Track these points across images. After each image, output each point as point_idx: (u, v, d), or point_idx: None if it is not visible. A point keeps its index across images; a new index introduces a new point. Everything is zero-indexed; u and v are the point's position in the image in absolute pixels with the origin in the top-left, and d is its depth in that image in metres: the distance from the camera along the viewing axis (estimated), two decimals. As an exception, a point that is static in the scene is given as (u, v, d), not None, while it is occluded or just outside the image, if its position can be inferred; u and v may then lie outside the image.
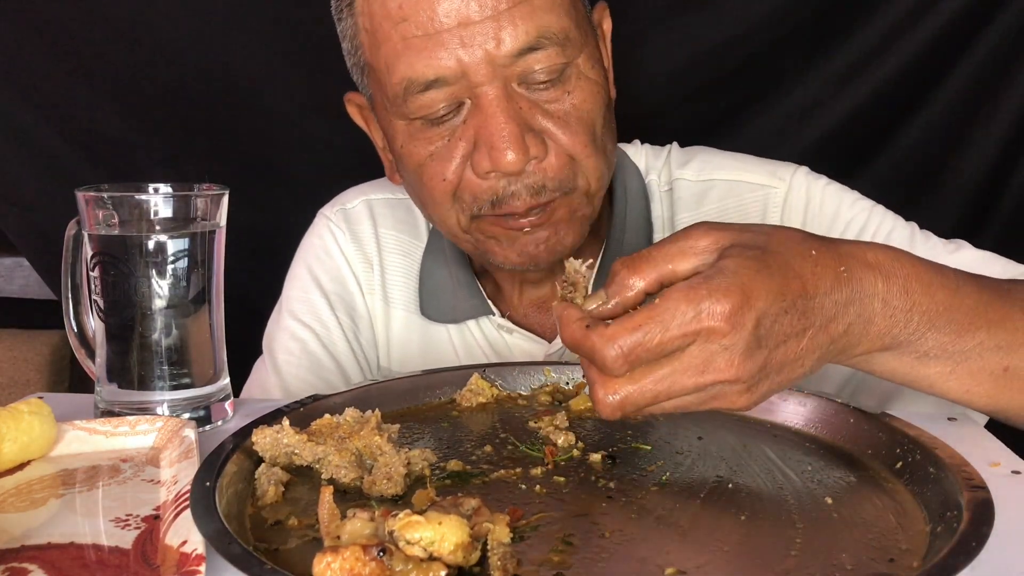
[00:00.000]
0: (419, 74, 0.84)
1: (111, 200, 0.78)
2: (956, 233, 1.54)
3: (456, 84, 0.85)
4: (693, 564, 0.52)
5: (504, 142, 0.84)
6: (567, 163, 0.89)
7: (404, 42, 0.84)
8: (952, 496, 0.56)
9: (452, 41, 0.83)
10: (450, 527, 0.49)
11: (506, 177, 0.87)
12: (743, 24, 1.50)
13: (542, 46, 0.85)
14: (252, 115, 1.60)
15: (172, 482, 0.64)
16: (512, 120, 0.84)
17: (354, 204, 1.15)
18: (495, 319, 1.05)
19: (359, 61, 0.93)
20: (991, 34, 1.47)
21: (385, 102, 0.90)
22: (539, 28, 0.84)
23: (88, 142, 1.61)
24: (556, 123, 0.88)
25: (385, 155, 1.02)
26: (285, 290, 1.15)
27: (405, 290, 1.11)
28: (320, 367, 1.08)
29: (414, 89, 0.86)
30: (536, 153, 0.86)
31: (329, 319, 1.10)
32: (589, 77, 0.90)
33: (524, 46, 0.84)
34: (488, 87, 0.84)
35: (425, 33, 0.83)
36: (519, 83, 0.86)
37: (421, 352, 1.09)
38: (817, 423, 0.73)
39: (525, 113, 0.86)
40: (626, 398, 0.60)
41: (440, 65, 0.84)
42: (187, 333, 0.80)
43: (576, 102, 0.88)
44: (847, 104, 1.53)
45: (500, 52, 0.83)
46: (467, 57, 0.83)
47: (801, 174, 1.06)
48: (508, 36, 0.83)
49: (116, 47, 1.55)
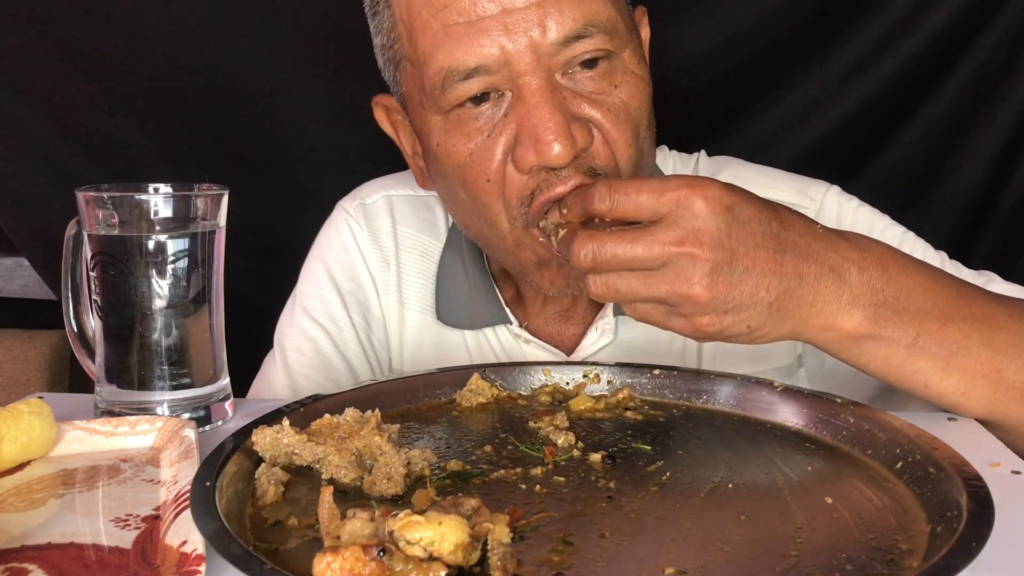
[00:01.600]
0: (459, 62, 0.81)
1: (111, 200, 0.78)
2: (955, 234, 1.55)
3: (498, 73, 0.81)
4: (693, 564, 0.52)
5: (550, 133, 0.79)
6: (610, 154, 0.85)
7: (445, 30, 0.81)
8: (952, 496, 0.56)
9: (495, 28, 0.80)
10: (450, 527, 0.49)
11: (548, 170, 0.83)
12: (743, 24, 1.50)
13: (589, 34, 0.81)
14: (252, 115, 1.60)
15: (172, 482, 0.64)
16: (557, 110, 0.80)
17: (374, 199, 1.12)
18: (512, 328, 1.03)
19: (394, 55, 0.89)
20: (991, 34, 1.47)
21: (421, 96, 0.87)
22: (586, 15, 0.81)
23: (88, 142, 1.61)
24: (604, 113, 0.84)
25: (415, 162, 0.99)
26: (300, 283, 1.13)
27: (421, 292, 1.09)
28: (331, 368, 1.06)
29: (454, 78, 0.82)
30: (583, 143, 0.82)
31: (343, 319, 1.08)
32: (635, 72, 0.87)
33: (571, 34, 0.81)
34: (531, 77, 0.81)
35: (467, 20, 0.80)
36: (563, 74, 0.83)
37: (435, 356, 1.07)
38: (817, 423, 0.73)
39: (570, 103, 0.82)
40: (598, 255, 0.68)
41: (482, 53, 0.80)
42: (187, 333, 0.80)
43: (624, 97, 0.85)
44: (847, 104, 1.53)
45: (545, 40, 0.80)
46: (510, 45, 0.80)
47: (833, 194, 1.04)
48: (554, 23, 0.80)
49: (116, 47, 1.55)
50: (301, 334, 1.08)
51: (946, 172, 1.55)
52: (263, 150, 1.63)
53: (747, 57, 1.52)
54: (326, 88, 1.54)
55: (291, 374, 1.06)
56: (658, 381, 0.83)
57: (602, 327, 1.00)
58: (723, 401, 0.79)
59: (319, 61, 1.54)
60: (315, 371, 1.06)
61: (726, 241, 0.68)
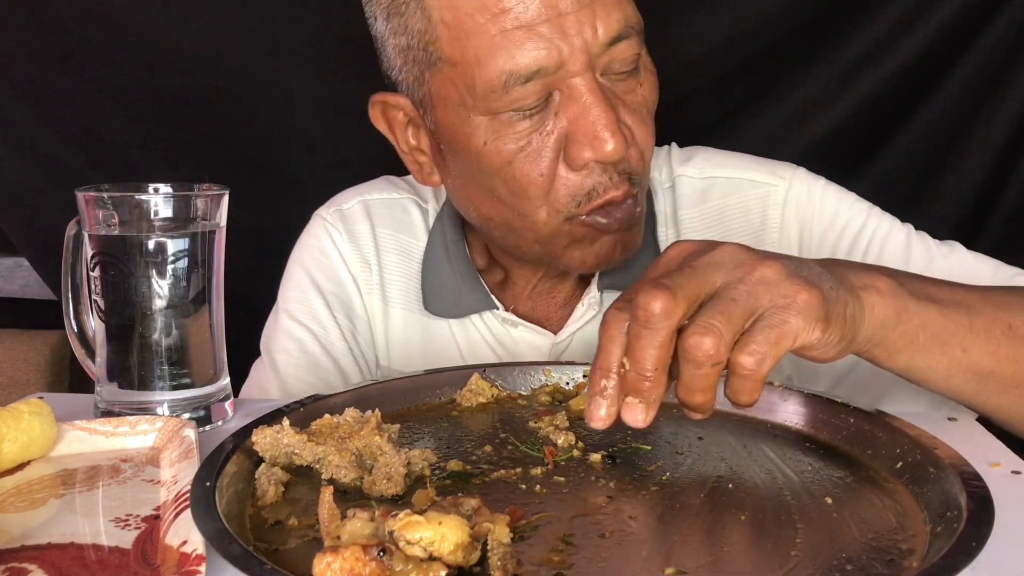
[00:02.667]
0: (522, 66, 0.83)
1: (111, 200, 0.78)
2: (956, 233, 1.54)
3: (554, 75, 0.84)
4: (693, 564, 0.52)
5: (606, 130, 0.83)
6: (641, 157, 0.90)
7: (503, 35, 0.83)
8: (952, 496, 0.56)
9: (551, 32, 0.83)
10: (450, 527, 0.49)
11: (601, 167, 0.87)
12: (743, 24, 1.50)
13: (628, 35, 0.86)
14: (252, 115, 1.60)
15: (172, 482, 0.64)
16: (610, 108, 0.85)
17: (350, 205, 1.14)
18: (499, 313, 1.05)
19: (426, 57, 0.90)
20: (991, 34, 1.47)
21: (465, 98, 0.88)
22: (626, 17, 0.86)
23: (88, 142, 1.61)
24: (632, 116, 0.89)
25: (414, 157, 1.00)
26: (281, 291, 1.14)
27: (404, 289, 1.11)
28: (318, 367, 1.08)
29: (515, 82, 0.84)
30: (629, 141, 0.87)
31: (327, 319, 1.10)
32: (651, 69, 0.92)
33: (616, 35, 0.85)
34: (582, 77, 0.84)
35: (524, 25, 0.83)
36: (602, 74, 0.87)
37: (423, 349, 1.09)
38: (817, 423, 0.73)
39: (614, 102, 0.87)
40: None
41: (542, 56, 0.83)
42: (187, 333, 0.80)
43: (646, 93, 0.91)
44: (847, 104, 1.54)
45: (596, 41, 0.84)
46: (566, 47, 0.83)
47: (801, 173, 1.07)
48: (602, 25, 0.84)
49: (116, 47, 1.55)
50: (287, 337, 1.09)
51: (946, 172, 1.55)
52: (263, 150, 1.63)
53: (747, 57, 1.52)
54: (326, 88, 1.54)
55: (280, 375, 1.07)
56: (658, 381, 0.82)
57: (588, 301, 1.02)
58: (723, 401, 0.79)
59: (319, 61, 1.54)
60: (304, 371, 1.07)
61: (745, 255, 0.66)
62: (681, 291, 0.61)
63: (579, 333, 1.03)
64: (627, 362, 0.62)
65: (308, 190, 1.24)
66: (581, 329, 1.03)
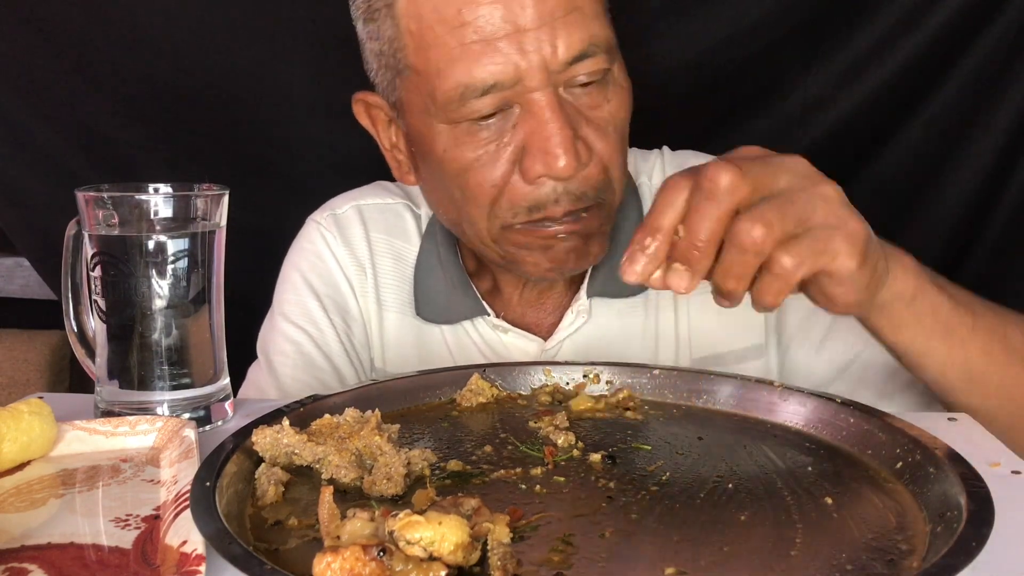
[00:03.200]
0: (478, 80, 0.85)
1: (111, 200, 0.78)
2: (956, 234, 1.55)
3: (511, 89, 0.86)
4: (693, 564, 0.52)
5: (559, 147, 0.85)
6: (602, 172, 0.91)
7: (461, 48, 0.85)
8: (952, 496, 0.56)
9: (509, 47, 0.84)
10: (450, 527, 0.49)
11: (552, 183, 0.88)
12: (743, 24, 1.50)
13: (592, 53, 0.86)
14: (252, 115, 1.60)
15: (172, 482, 0.64)
16: (566, 125, 0.85)
17: (344, 209, 1.15)
18: (490, 319, 1.06)
19: (395, 63, 0.92)
20: (991, 34, 1.47)
21: (428, 105, 0.90)
22: (590, 36, 0.86)
23: (88, 142, 1.61)
24: (595, 132, 0.89)
25: (393, 155, 1.02)
26: (277, 295, 1.15)
27: (398, 293, 1.11)
28: (314, 367, 1.08)
29: (471, 94, 0.86)
30: (584, 160, 0.88)
31: (322, 321, 1.10)
32: (623, 86, 0.92)
33: (577, 54, 0.85)
34: (541, 93, 0.85)
35: (483, 39, 0.84)
36: (565, 88, 0.88)
37: (416, 353, 1.10)
38: (817, 423, 0.73)
39: (573, 119, 0.87)
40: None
41: (498, 71, 0.84)
42: (187, 333, 0.80)
43: (613, 110, 0.90)
44: (847, 104, 1.53)
45: (556, 59, 0.85)
46: (524, 63, 0.84)
47: None
48: (563, 44, 0.84)
49: (116, 47, 1.55)
50: (283, 338, 1.10)
51: (946, 172, 1.55)
52: (263, 150, 1.62)
53: (747, 57, 1.52)
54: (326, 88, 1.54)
55: (277, 376, 1.07)
56: (658, 381, 0.83)
57: (577, 309, 1.03)
58: (723, 401, 0.79)
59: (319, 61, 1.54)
60: (300, 371, 1.08)
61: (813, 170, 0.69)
62: (750, 175, 0.63)
63: (569, 340, 1.04)
64: (681, 229, 0.64)
65: (308, 190, 1.24)
66: (571, 336, 1.04)
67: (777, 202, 0.64)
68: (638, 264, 0.65)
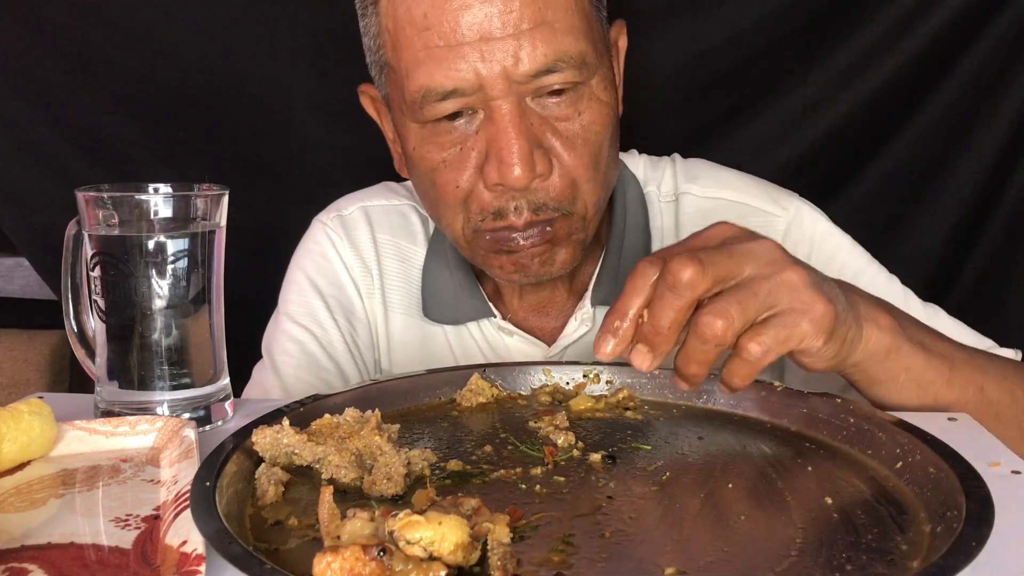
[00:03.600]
0: (438, 84, 0.86)
1: (111, 200, 0.78)
2: (957, 234, 1.55)
3: (472, 96, 0.86)
4: (693, 564, 0.52)
5: (513, 157, 0.85)
6: (569, 185, 0.91)
7: (426, 51, 0.86)
8: (952, 496, 0.56)
9: (472, 55, 0.84)
10: (450, 527, 0.49)
11: (510, 191, 0.89)
12: (743, 24, 1.50)
13: (559, 68, 0.86)
14: (252, 115, 1.60)
15: (172, 482, 0.64)
16: (522, 136, 0.86)
17: (350, 210, 1.15)
18: (495, 320, 1.06)
19: (379, 59, 0.94)
20: (991, 34, 1.47)
21: (401, 103, 0.92)
22: (557, 51, 0.86)
23: (88, 142, 1.61)
24: (563, 143, 0.89)
25: (395, 147, 1.03)
26: (282, 295, 1.15)
27: (404, 294, 1.11)
28: (319, 368, 1.08)
29: (431, 98, 0.87)
30: (542, 170, 0.88)
31: (327, 322, 1.10)
32: (601, 99, 0.91)
33: (541, 68, 0.86)
34: (503, 101, 0.86)
35: (447, 44, 0.85)
36: (532, 98, 0.88)
37: (421, 355, 1.10)
38: (817, 423, 0.73)
39: (536, 129, 0.88)
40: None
41: (459, 77, 0.85)
42: (187, 333, 0.80)
43: (585, 123, 0.90)
44: (847, 104, 1.53)
45: (517, 71, 0.85)
46: (485, 71, 0.85)
47: (805, 207, 1.09)
48: (526, 56, 0.85)
49: (116, 47, 1.55)
50: (288, 339, 1.10)
51: (946, 172, 1.55)
52: (263, 150, 1.62)
53: (747, 57, 1.52)
54: (326, 88, 1.54)
55: (281, 376, 1.07)
56: (658, 381, 0.83)
57: (581, 316, 1.04)
58: (723, 401, 0.79)
59: (319, 61, 1.54)
60: (304, 371, 1.08)
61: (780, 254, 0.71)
62: (712, 268, 0.66)
63: (572, 347, 1.04)
64: (646, 314, 0.68)
65: (308, 190, 1.24)
66: (574, 344, 1.04)
67: (740, 294, 0.67)
68: (607, 345, 0.69)
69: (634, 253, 1.04)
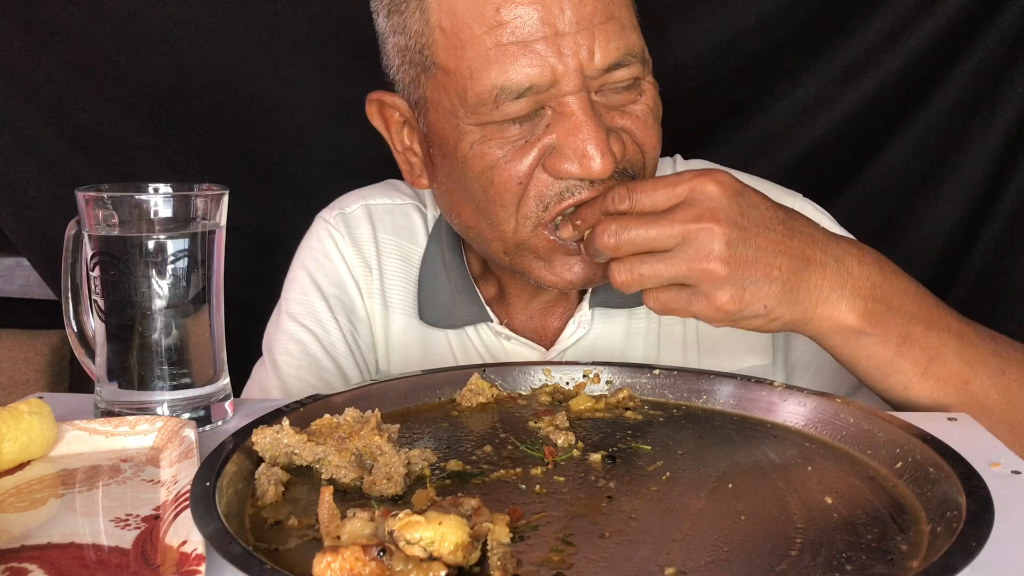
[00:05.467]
0: (514, 82, 0.84)
1: (111, 200, 0.78)
2: (955, 233, 1.55)
3: (546, 92, 0.85)
4: (693, 564, 0.52)
5: (595, 149, 0.84)
6: (638, 153, 0.92)
7: (498, 48, 0.84)
8: (952, 496, 0.56)
9: (547, 50, 0.84)
10: (450, 527, 0.49)
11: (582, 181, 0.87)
12: (743, 24, 1.50)
13: (627, 63, 0.87)
14: (252, 115, 1.60)
15: (172, 482, 0.64)
16: (601, 128, 0.85)
17: (353, 208, 1.15)
18: (493, 326, 1.05)
19: (422, 60, 0.90)
20: (991, 34, 1.47)
21: (455, 105, 0.88)
22: (627, 45, 0.87)
23: (88, 142, 1.61)
24: (634, 120, 0.91)
25: (405, 157, 1.00)
26: (284, 293, 1.15)
27: (404, 295, 1.11)
28: (319, 368, 1.08)
29: (506, 96, 0.85)
30: (619, 154, 0.88)
31: (328, 321, 1.10)
32: (651, 82, 0.93)
33: (613, 62, 0.86)
34: (575, 96, 0.85)
35: (521, 40, 0.83)
36: (597, 92, 0.88)
37: (420, 356, 1.09)
38: (817, 423, 0.73)
39: (605, 117, 0.88)
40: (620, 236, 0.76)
41: (535, 73, 0.84)
42: (187, 333, 0.80)
43: (648, 101, 0.92)
44: (847, 104, 1.54)
45: (592, 65, 0.85)
46: (560, 67, 0.84)
47: (809, 207, 1.09)
48: (600, 50, 0.85)
49: (116, 47, 1.55)
50: (289, 338, 1.10)
51: (946, 172, 1.55)
52: (263, 150, 1.63)
53: (747, 57, 1.52)
54: (326, 88, 1.54)
55: (281, 376, 1.07)
56: (658, 381, 0.83)
57: (579, 319, 1.03)
58: (723, 401, 0.80)
59: (319, 61, 1.54)
60: (305, 371, 1.07)
61: (739, 219, 0.76)
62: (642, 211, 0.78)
63: (571, 350, 1.03)
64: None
65: (308, 190, 1.24)
66: (572, 347, 1.04)
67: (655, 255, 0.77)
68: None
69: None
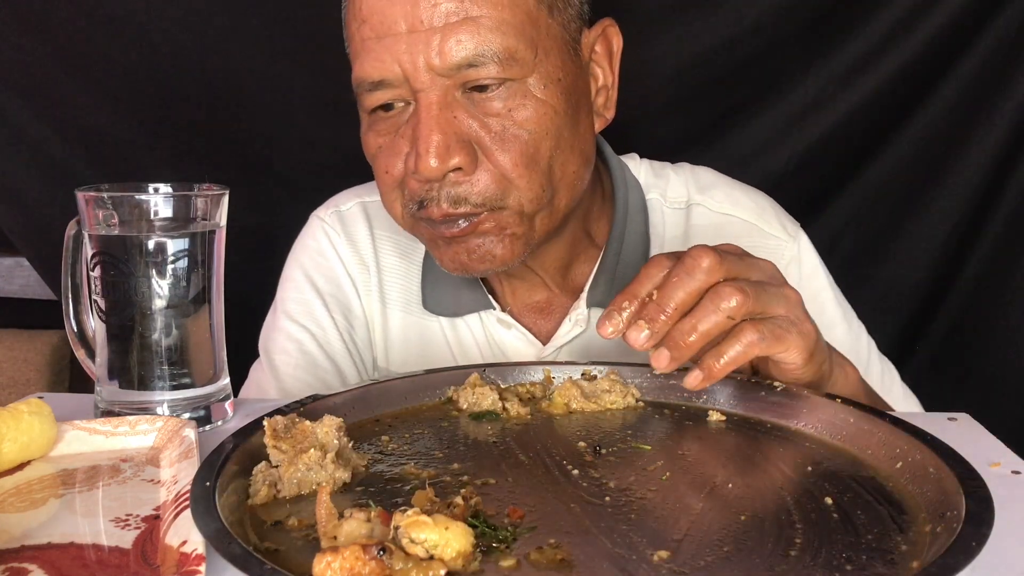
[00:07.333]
0: (368, 75, 0.89)
1: (111, 200, 0.78)
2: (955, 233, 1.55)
3: (400, 87, 0.89)
4: (693, 564, 0.52)
5: (426, 148, 0.86)
6: (497, 181, 0.89)
7: (362, 43, 0.90)
8: (952, 496, 0.56)
9: (399, 46, 0.87)
10: (455, 534, 0.49)
11: (427, 183, 0.89)
12: (743, 24, 1.49)
13: (480, 63, 0.87)
14: (252, 115, 1.59)
15: (172, 482, 0.64)
16: (438, 128, 0.87)
17: (349, 206, 1.15)
18: (495, 312, 1.06)
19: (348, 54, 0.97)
20: (991, 34, 1.47)
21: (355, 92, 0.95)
22: (479, 45, 0.86)
23: (88, 142, 1.61)
24: (492, 139, 0.89)
25: None
26: (279, 292, 1.15)
27: (403, 290, 1.11)
28: (317, 367, 1.08)
29: (364, 88, 0.91)
30: (462, 164, 0.87)
31: (325, 320, 1.10)
32: (539, 98, 0.89)
33: (462, 62, 0.86)
34: (427, 93, 0.87)
35: (377, 36, 0.88)
36: (463, 92, 0.88)
37: (420, 350, 1.10)
38: (817, 423, 0.73)
39: (460, 123, 0.88)
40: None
41: (385, 68, 0.88)
42: (187, 333, 0.80)
43: (518, 120, 0.89)
44: (847, 104, 1.53)
45: (438, 63, 0.86)
46: (409, 64, 0.87)
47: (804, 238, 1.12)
48: (449, 49, 0.86)
49: (116, 47, 1.54)
50: (286, 337, 1.10)
51: (945, 172, 1.55)
52: (263, 150, 1.62)
53: (747, 57, 1.52)
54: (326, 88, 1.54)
55: (278, 376, 1.07)
56: (658, 381, 0.83)
57: (576, 317, 1.04)
58: (723, 401, 0.80)
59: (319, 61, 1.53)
60: (302, 371, 1.07)
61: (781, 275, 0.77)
62: (728, 262, 0.70)
63: (566, 347, 1.04)
64: (655, 294, 0.71)
65: (308, 190, 1.24)
66: (568, 344, 1.04)
67: (756, 285, 0.71)
68: (610, 323, 0.72)
69: (632, 257, 1.04)
